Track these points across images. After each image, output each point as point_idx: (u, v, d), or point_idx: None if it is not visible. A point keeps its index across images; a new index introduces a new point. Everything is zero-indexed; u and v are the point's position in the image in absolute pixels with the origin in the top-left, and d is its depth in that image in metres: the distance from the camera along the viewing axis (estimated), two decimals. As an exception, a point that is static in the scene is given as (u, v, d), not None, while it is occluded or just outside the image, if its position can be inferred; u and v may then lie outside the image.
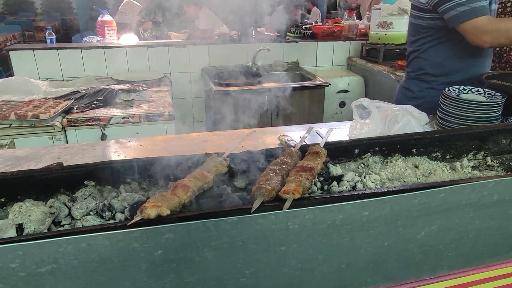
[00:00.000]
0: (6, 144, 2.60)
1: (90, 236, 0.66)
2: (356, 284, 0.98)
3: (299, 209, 0.78)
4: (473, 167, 1.37)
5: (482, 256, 1.07)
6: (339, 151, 1.27)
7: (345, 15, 4.87)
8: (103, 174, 1.04)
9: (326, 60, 4.48)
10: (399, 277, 1.02)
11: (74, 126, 2.71)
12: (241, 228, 0.76)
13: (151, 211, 0.82)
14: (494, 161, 1.40)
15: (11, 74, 3.61)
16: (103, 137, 2.76)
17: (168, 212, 0.85)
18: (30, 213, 0.91)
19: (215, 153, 1.13)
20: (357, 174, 1.22)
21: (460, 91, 1.98)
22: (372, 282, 1.00)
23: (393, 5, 3.86)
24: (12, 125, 2.57)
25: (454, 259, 1.03)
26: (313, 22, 4.73)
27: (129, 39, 4.12)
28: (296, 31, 4.46)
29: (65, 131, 2.70)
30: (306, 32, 4.43)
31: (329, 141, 1.29)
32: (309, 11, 7.33)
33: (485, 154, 1.41)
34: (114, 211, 0.98)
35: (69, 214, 0.98)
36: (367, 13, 4.95)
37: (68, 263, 0.68)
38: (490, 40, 1.92)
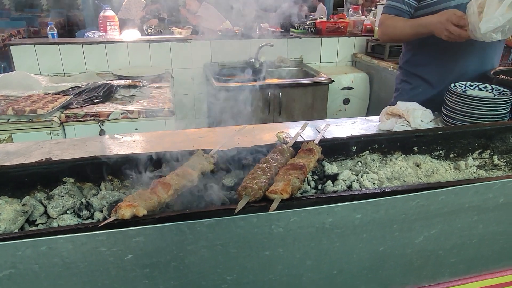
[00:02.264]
0: (4, 139, 2.57)
1: (51, 239, 0.61)
2: (349, 291, 0.91)
3: (283, 211, 0.72)
4: (479, 167, 1.29)
5: (486, 262, 1.00)
6: (336, 148, 1.21)
7: (350, 10, 4.77)
8: (83, 171, 0.98)
9: (331, 57, 4.39)
10: (396, 284, 0.95)
11: (73, 121, 2.67)
12: (219, 231, 0.69)
13: (125, 211, 0.76)
14: (501, 160, 1.32)
15: (14, 70, 3.59)
16: (102, 133, 2.72)
17: (145, 212, 0.79)
18: (1, 212, 0.86)
19: (202, 149, 1.07)
20: (353, 173, 1.15)
21: (466, 87, 1.90)
22: (367, 289, 0.93)
23: (399, 0, 3.76)
24: (9, 120, 2.53)
25: (455, 265, 0.96)
26: (318, 18, 4.64)
27: (131, 34, 4.07)
28: (300, 27, 4.38)
29: (63, 126, 2.67)
30: (310, 28, 4.35)
31: (327, 137, 1.22)
32: (314, 9, 7.22)
33: (492, 153, 1.33)
34: (92, 210, 0.93)
35: (45, 212, 0.93)
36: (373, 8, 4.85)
37: (28, 268, 0.62)
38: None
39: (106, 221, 0.74)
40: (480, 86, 1.90)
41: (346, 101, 4.16)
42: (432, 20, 1.83)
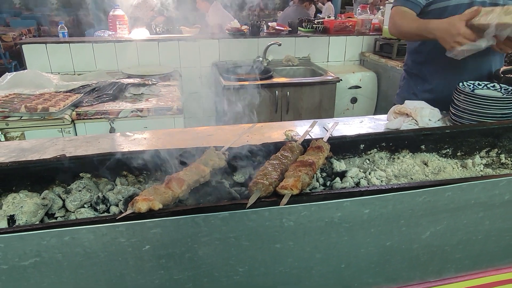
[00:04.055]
0: (17, 136, 2.62)
1: (74, 230, 0.64)
2: (357, 285, 0.94)
3: (294, 205, 0.75)
4: (486, 165, 1.30)
5: (492, 258, 1.01)
6: (344, 146, 1.23)
7: (358, 9, 4.77)
8: (99, 166, 1.02)
9: (338, 55, 4.40)
10: (402, 279, 0.98)
11: (83, 119, 2.72)
12: (232, 224, 0.72)
13: (142, 205, 0.79)
14: (509, 159, 1.33)
15: (25, 68, 3.65)
16: (112, 130, 2.77)
17: (160, 206, 0.82)
18: (23, 205, 0.90)
19: (214, 146, 1.10)
20: (361, 170, 1.17)
21: (475, 87, 1.90)
22: (374, 283, 0.95)
23: (408, -2, 3.75)
24: (22, 118, 2.59)
25: (461, 261, 0.98)
26: (326, 17, 4.65)
27: (140, 33, 4.12)
28: (308, 26, 4.39)
29: (74, 124, 2.72)
30: (318, 27, 4.36)
31: (335, 135, 1.25)
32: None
33: (499, 152, 1.34)
34: (108, 204, 0.96)
35: (63, 206, 0.97)
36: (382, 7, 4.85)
37: (52, 257, 0.66)
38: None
39: (124, 214, 0.77)
40: (488, 85, 1.90)
41: (354, 100, 4.17)
42: (439, 26, 1.78)
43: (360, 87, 4.12)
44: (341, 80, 3.72)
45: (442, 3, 1.98)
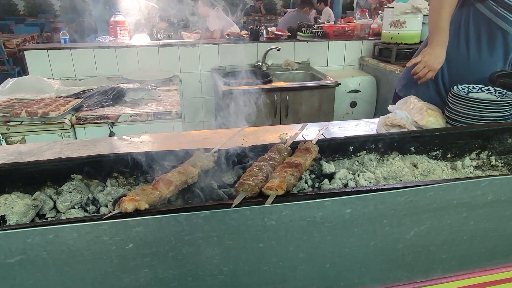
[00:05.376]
0: (17, 141, 2.66)
1: (57, 228, 0.66)
2: (343, 285, 0.95)
3: (276, 204, 0.76)
4: (476, 167, 1.31)
5: (479, 259, 1.02)
6: (333, 148, 1.24)
7: (357, 14, 4.80)
8: (90, 168, 1.04)
9: (338, 60, 4.42)
10: (389, 279, 0.98)
11: (83, 123, 2.75)
12: (214, 223, 0.74)
13: (128, 205, 0.81)
14: (499, 161, 1.34)
15: (28, 75, 3.70)
16: (111, 135, 2.80)
17: (146, 206, 0.84)
18: (14, 205, 0.92)
19: (204, 148, 1.11)
20: (350, 172, 1.18)
21: (469, 90, 1.91)
22: (360, 283, 0.96)
23: (406, 3, 3.78)
24: (23, 123, 2.62)
25: (447, 262, 0.99)
26: (325, 22, 4.67)
27: (141, 39, 4.16)
28: (307, 31, 4.42)
29: (74, 128, 2.75)
30: (318, 32, 4.39)
31: (324, 138, 1.26)
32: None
33: (489, 154, 1.35)
34: (98, 205, 0.98)
35: (54, 207, 0.98)
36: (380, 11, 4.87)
37: (37, 255, 0.67)
38: None
39: (110, 214, 0.79)
40: (483, 89, 1.91)
41: (353, 104, 4.18)
42: (440, 44, 1.91)
43: (360, 91, 4.13)
44: (340, 84, 3.73)
45: None
